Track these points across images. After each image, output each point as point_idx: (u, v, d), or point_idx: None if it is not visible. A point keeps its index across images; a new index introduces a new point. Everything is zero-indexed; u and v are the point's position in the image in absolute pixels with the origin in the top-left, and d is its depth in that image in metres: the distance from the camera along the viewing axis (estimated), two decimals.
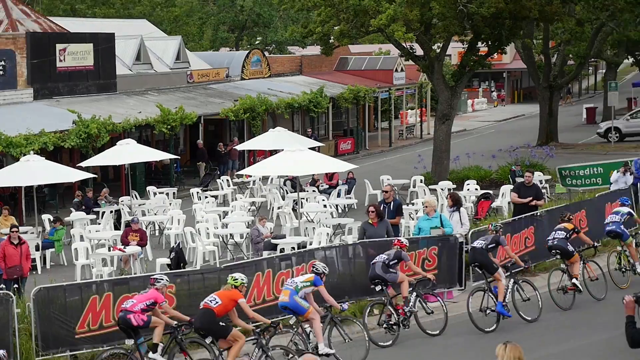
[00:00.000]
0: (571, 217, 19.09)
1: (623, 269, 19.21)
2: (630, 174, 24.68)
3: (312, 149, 28.04)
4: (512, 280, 17.13)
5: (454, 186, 30.18)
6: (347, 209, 29.22)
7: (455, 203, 19.67)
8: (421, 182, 31.40)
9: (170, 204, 28.63)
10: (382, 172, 35.34)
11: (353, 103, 49.08)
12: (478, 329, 16.32)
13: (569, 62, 54.51)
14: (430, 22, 33.71)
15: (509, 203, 25.59)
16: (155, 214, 27.67)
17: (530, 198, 21.25)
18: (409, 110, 59.40)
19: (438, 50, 35.38)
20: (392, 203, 20.14)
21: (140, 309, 13.68)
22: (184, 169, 39.87)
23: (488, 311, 16.49)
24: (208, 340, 13.72)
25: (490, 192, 27.90)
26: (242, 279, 13.91)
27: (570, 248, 18.01)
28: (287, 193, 30.67)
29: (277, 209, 28.01)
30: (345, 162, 28.05)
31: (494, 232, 17.21)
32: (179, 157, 37.50)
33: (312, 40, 40.02)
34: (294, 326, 14.49)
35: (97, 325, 15.01)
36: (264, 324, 14.12)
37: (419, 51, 36.00)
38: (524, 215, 20.68)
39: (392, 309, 16.04)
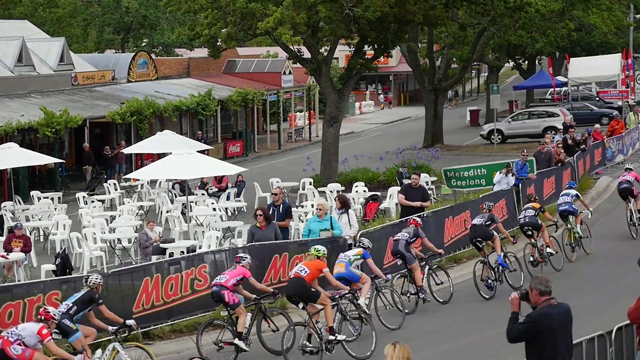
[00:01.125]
0: (537, 197, 22.17)
1: (574, 244, 21.92)
2: (512, 175, 25.36)
3: (201, 152, 27.89)
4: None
5: (343, 188, 30.47)
6: (236, 212, 29.16)
7: (344, 205, 19.89)
8: (310, 184, 31.59)
9: (55, 208, 28.01)
10: (271, 174, 35.40)
11: (242, 106, 48.99)
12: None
13: (452, 66, 55.71)
14: (317, 26, 33.94)
15: (396, 204, 25.99)
16: (40, 219, 27.02)
17: (419, 203, 21.61)
18: (298, 113, 59.66)
19: (325, 54, 35.65)
20: (281, 206, 20.19)
21: (232, 284, 15.23)
22: (70, 173, 39.07)
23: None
24: (300, 306, 15.21)
25: (378, 194, 28.30)
26: (324, 250, 15.68)
27: (540, 222, 20.57)
28: (175, 197, 30.40)
29: (166, 213, 27.74)
30: (234, 165, 27.97)
31: (487, 210, 19.73)
32: (64, 161, 36.71)
33: (200, 43, 39.80)
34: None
35: None
36: (345, 291, 15.68)
37: (307, 54, 36.21)
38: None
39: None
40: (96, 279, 14.35)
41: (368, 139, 55.64)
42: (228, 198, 29.75)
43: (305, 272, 15.06)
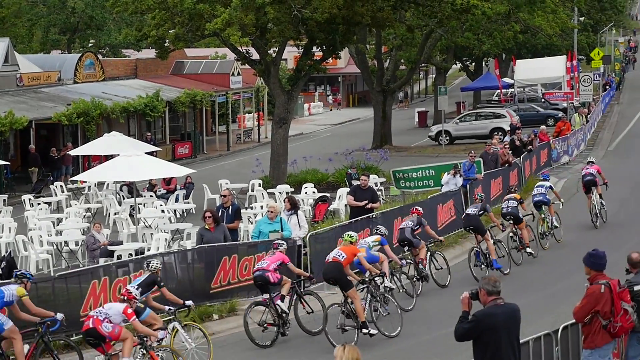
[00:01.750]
0: (516, 189, 24.34)
1: (547, 233, 23.37)
2: (460, 176, 25.56)
3: (149, 153, 27.69)
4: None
5: (292, 189, 30.47)
6: (185, 213, 29.01)
7: (293, 206, 19.90)
8: (259, 185, 31.54)
9: (0, 211, 27.61)
10: (220, 176, 35.27)
11: (190, 107, 48.74)
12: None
13: (401, 67, 56.00)
14: (266, 27, 33.91)
15: (345, 206, 26.06)
16: None
17: (366, 201, 21.71)
18: (247, 114, 59.54)
19: (274, 55, 35.63)
20: (230, 207, 20.14)
21: (273, 268, 16.16)
22: (15, 175, 38.53)
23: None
24: (338, 288, 16.23)
25: (328, 195, 28.35)
26: (357, 236, 16.80)
27: (521, 214, 21.58)
28: (123, 199, 30.16)
29: (114, 215, 27.48)
30: (183, 166, 27.79)
31: (480, 200, 21.20)
32: (9, 163, 36.20)
33: (147, 44, 39.53)
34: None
35: None
36: (374, 273, 16.85)
37: (256, 55, 36.16)
38: (360, 217, 21.12)
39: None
40: (157, 263, 15.29)
41: (317, 140, 55.72)
42: (177, 200, 29.59)
43: (343, 256, 15.97)
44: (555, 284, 19.72)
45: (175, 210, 28.37)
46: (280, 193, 29.74)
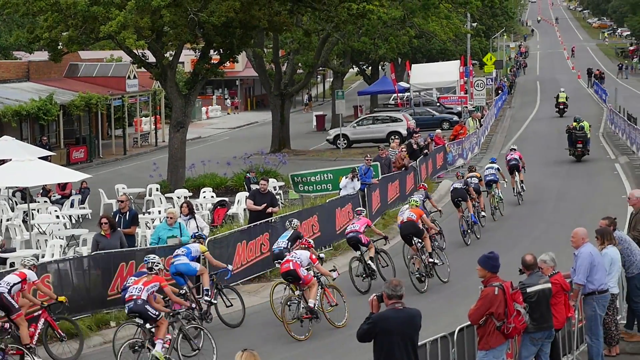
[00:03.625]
0: (476, 168, 28.28)
1: (496, 207, 27.56)
2: (358, 180, 25.79)
3: (44, 158, 27.10)
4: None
5: (191, 194, 30.26)
6: (81, 219, 28.50)
7: (190, 211, 19.84)
8: (157, 190, 31.20)
9: None
10: (117, 180, 34.78)
11: (85, 111, 47.88)
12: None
13: (298, 71, 56.21)
14: (162, 30, 33.58)
15: (244, 210, 26.01)
16: None
17: (265, 205, 21.71)
18: (144, 118, 58.85)
19: (171, 58, 35.31)
20: (127, 213, 19.89)
21: (363, 230, 19.90)
22: None
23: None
24: (415, 240, 19.81)
25: (226, 199, 28.21)
26: (420, 200, 21.40)
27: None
28: (16, 204, 29.45)
29: (6, 221, 26.82)
30: (78, 171, 27.34)
31: (462, 177, 25.70)
32: None
33: (40, 46, 38.68)
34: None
35: None
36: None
37: (152, 58, 35.77)
38: (259, 222, 21.12)
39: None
40: (296, 223, 18.63)
41: (215, 144, 55.47)
42: (72, 205, 29.03)
43: (414, 216, 20.00)
44: (455, 284, 20.09)
45: (70, 216, 27.85)
46: (178, 197, 29.49)
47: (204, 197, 29.70)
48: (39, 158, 25.13)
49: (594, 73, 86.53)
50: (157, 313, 14.53)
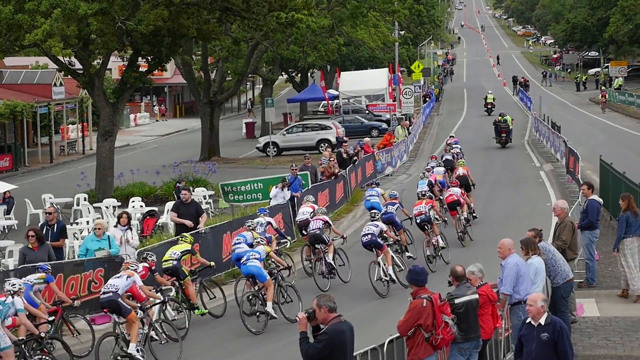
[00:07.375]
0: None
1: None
2: (288, 189, 25.84)
3: None
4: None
5: (119, 203, 29.97)
6: (6, 230, 28.03)
7: (129, 221, 19.74)
8: (85, 200, 30.86)
9: None
10: (43, 190, 34.26)
11: (10, 118, 47.07)
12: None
13: (227, 79, 56.08)
14: (89, 38, 33.22)
15: None
16: None
17: (190, 222, 21.14)
18: (70, 125, 58.07)
19: (98, 66, 34.93)
20: (55, 225, 19.64)
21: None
22: None
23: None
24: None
25: (156, 209, 27.99)
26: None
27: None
28: None
29: None
30: (3, 181, 26.90)
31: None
32: None
33: None
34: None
35: None
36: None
37: (79, 65, 35.34)
38: (189, 232, 20.95)
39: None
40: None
41: (144, 152, 55.00)
42: None
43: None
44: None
45: None
46: (107, 207, 29.20)
47: (133, 206, 29.44)
48: None
49: (519, 81, 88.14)
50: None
